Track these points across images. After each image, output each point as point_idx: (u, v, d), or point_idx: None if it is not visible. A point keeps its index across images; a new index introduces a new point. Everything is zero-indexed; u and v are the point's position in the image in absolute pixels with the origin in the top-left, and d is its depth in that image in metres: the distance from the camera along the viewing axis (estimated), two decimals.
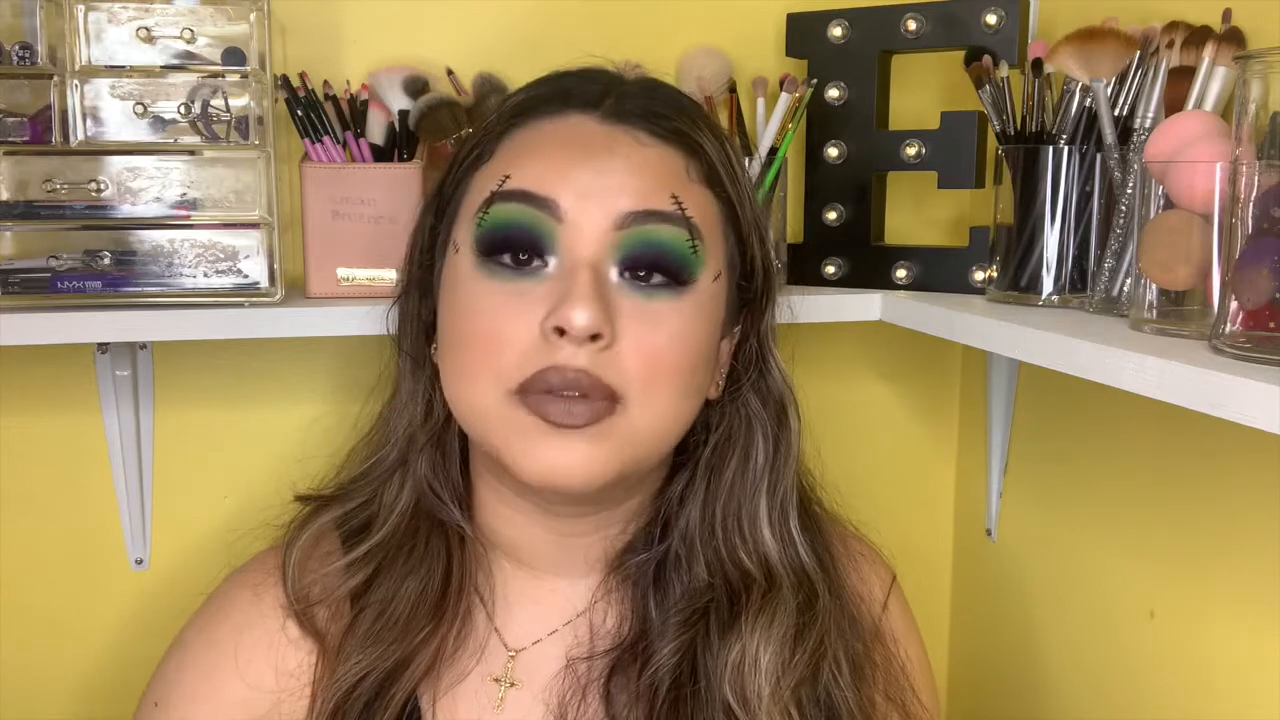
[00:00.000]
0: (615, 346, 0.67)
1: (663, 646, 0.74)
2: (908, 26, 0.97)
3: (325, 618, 0.76)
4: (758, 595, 0.74)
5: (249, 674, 0.75)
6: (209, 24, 0.83)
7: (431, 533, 0.76)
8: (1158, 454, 0.90)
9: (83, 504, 1.00)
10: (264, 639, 0.76)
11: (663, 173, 0.70)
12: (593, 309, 0.65)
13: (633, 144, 0.70)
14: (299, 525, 0.79)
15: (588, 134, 0.71)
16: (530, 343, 0.67)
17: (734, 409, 0.78)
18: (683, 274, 0.69)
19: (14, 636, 1.00)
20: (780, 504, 0.77)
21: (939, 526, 1.21)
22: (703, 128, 0.73)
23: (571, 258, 0.68)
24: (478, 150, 0.74)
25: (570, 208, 0.68)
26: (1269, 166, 0.64)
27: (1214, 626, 0.85)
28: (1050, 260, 0.89)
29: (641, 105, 0.72)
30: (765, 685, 0.72)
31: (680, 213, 0.69)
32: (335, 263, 0.90)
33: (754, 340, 0.78)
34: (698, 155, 0.72)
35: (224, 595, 0.80)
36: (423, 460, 0.77)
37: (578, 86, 0.74)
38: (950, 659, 1.22)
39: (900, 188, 1.07)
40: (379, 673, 0.72)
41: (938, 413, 1.20)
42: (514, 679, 0.76)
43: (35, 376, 0.97)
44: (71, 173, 0.83)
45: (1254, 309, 0.64)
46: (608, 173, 0.68)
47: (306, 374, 1.03)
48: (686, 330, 0.70)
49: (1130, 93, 0.85)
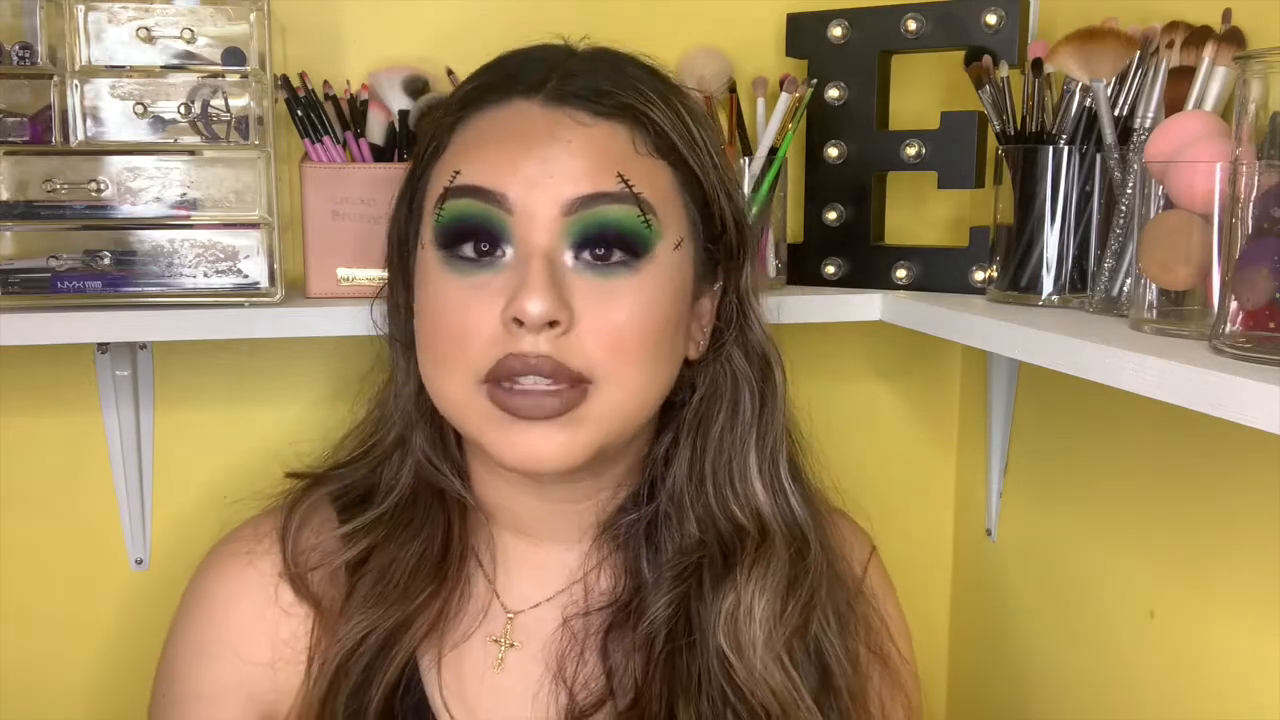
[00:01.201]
0: (575, 329, 0.68)
1: (657, 600, 0.75)
2: (908, 26, 0.97)
3: (321, 585, 0.76)
4: (751, 547, 0.76)
5: (244, 649, 0.76)
6: (209, 24, 0.83)
7: (432, 502, 0.78)
8: (1157, 454, 0.90)
9: (82, 504, 1.00)
10: (256, 610, 0.76)
11: (608, 151, 0.70)
12: (546, 297, 0.66)
13: (574, 126, 0.70)
14: (297, 495, 0.80)
15: (530, 121, 0.70)
16: (493, 333, 0.68)
17: (718, 366, 0.78)
18: (637, 249, 0.70)
19: (14, 636, 1.00)
20: (770, 454, 0.78)
21: (939, 526, 1.21)
22: (651, 95, 0.73)
23: (525, 247, 0.69)
24: (435, 142, 0.74)
25: (519, 197, 0.68)
26: (1269, 166, 0.64)
27: (1214, 626, 0.85)
28: (1050, 260, 0.89)
29: (584, 84, 0.72)
30: (759, 633, 0.74)
31: (628, 190, 0.69)
32: (335, 263, 0.90)
33: (733, 296, 0.78)
34: (645, 126, 0.71)
35: (215, 566, 0.80)
36: (420, 436, 0.78)
37: (521, 70, 0.73)
38: (950, 658, 1.22)
39: (900, 188, 1.07)
40: (381, 632, 0.73)
41: (938, 413, 1.20)
42: (514, 640, 0.78)
43: (35, 376, 0.97)
44: (71, 173, 0.83)
45: (1254, 309, 0.64)
46: (551, 160, 0.69)
47: (306, 374, 1.03)
48: (647, 303, 0.70)
49: (1130, 93, 0.85)
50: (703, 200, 0.74)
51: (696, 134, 0.74)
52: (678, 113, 0.74)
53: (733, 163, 0.83)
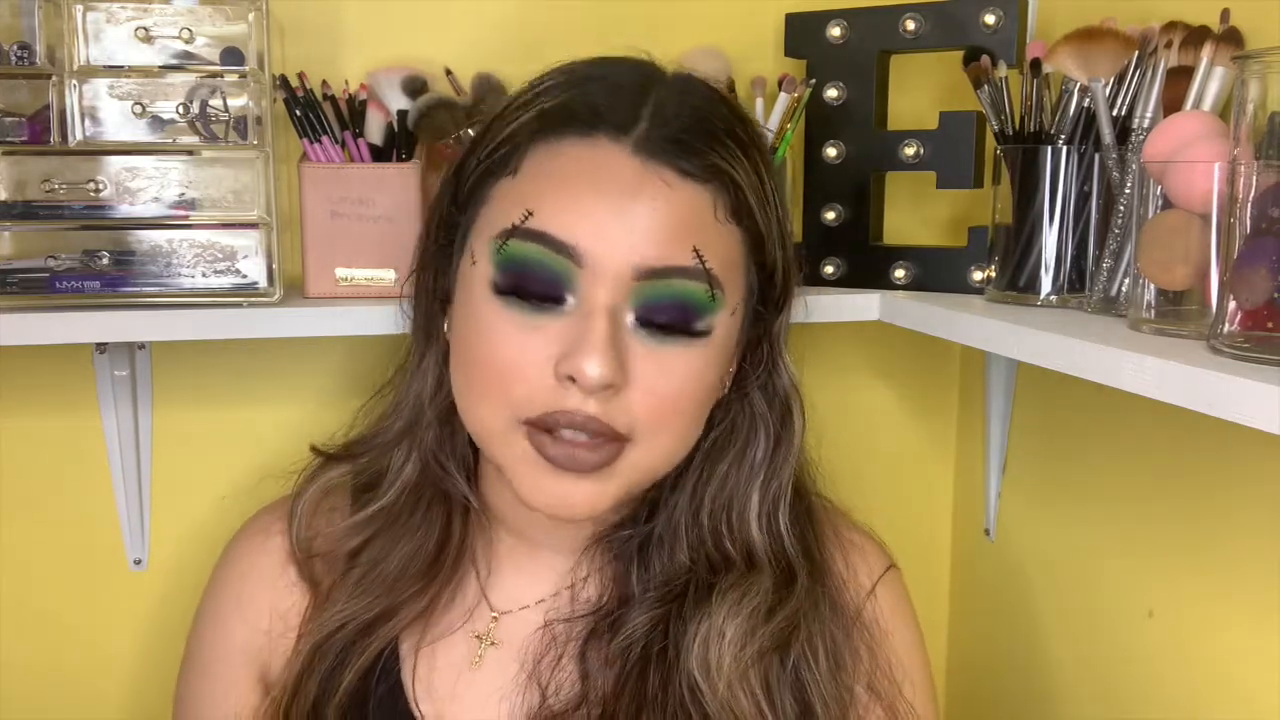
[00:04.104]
0: (626, 392, 0.68)
1: (638, 616, 0.75)
2: (906, 26, 0.97)
3: (322, 569, 0.80)
4: (735, 575, 0.75)
5: (249, 614, 0.81)
6: (207, 24, 0.83)
7: (433, 502, 0.79)
8: (1156, 453, 0.90)
9: (81, 504, 1.00)
10: (265, 580, 0.81)
11: (688, 220, 0.68)
12: (606, 361, 0.65)
13: (660, 186, 0.68)
14: (309, 477, 0.83)
15: (615, 171, 0.68)
16: (541, 380, 0.67)
17: (739, 406, 0.78)
18: (699, 324, 0.69)
19: (13, 636, 1.00)
20: (772, 499, 0.78)
21: (937, 526, 1.21)
22: (738, 153, 0.71)
23: (589, 301, 0.67)
24: (503, 151, 0.71)
25: (590, 251, 0.67)
26: (1267, 166, 0.64)
27: (1213, 626, 0.85)
28: (1049, 260, 0.89)
29: (674, 133, 0.69)
30: (726, 654, 0.73)
31: (701, 266, 0.68)
32: (334, 263, 0.90)
33: (766, 344, 0.78)
34: (728, 191, 0.70)
35: (239, 542, 0.84)
36: (430, 434, 0.79)
37: (609, 101, 0.70)
38: (949, 658, 1.22)
39: (899, 188, 1.07)
40: (359, 622, 0.76)
41: (936, 412, 1.20)
42: (495, 639, 0.78)
43: (34, 377, 0.97)
44: (70, 173, 0.82)
45: (1252, 309, 0.64)
46: (631, 217, 0.67)
47: (305, 374, 1.03)
48: (699, 372, 0.70)
49: (1128, 93, 0.85)
50: (763, 261, 0.74)
51: (770, 192, 0.73)
52: (757, 168, 0.72)
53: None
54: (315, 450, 0.85)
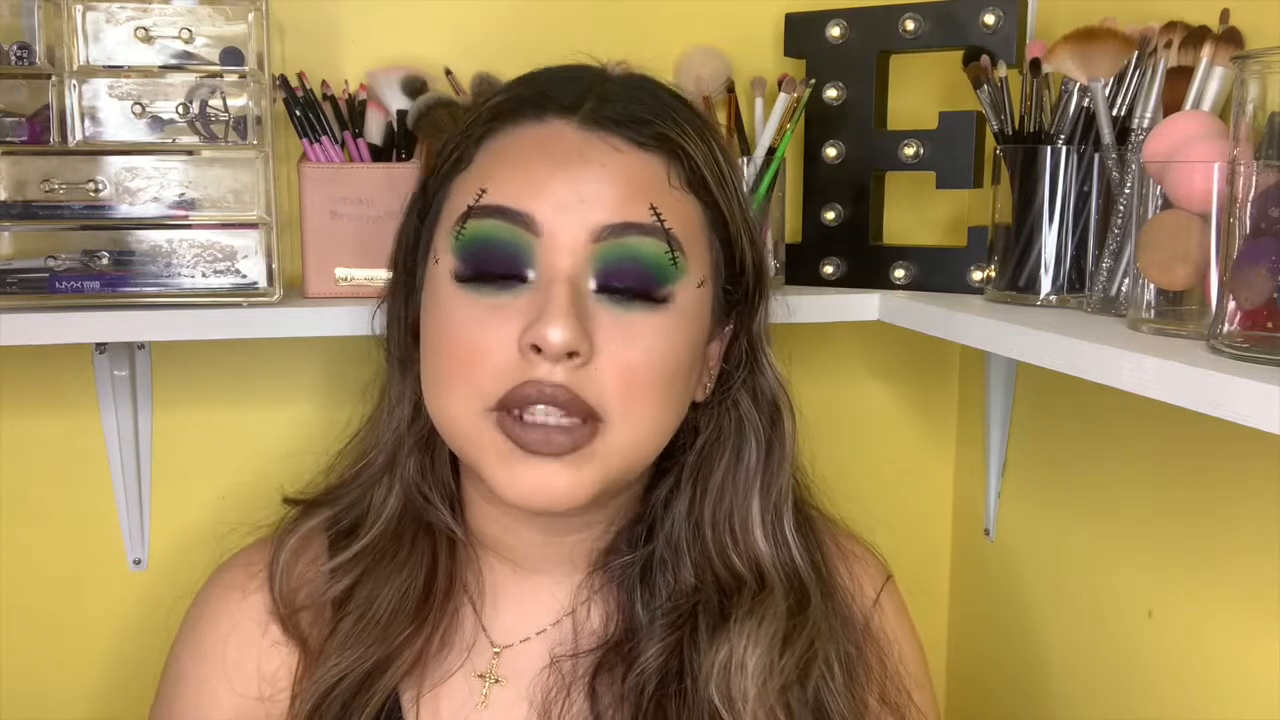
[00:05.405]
0: (593, 362, 0.67)
1: (649, 646, 0.73)
2: (906, 26, 0.97)
3: (309, 623, 0.76)
4: (748, 597, 0.74)
5: (237, 683, 0.76)
6: (207, 24, 0.83)
7: (417, 536, 0.76)
8: (1156, 454, 0.90)
9: (81, 504, 1.00)
10: (249, 642, 0.77)
11: (641, 181, 0.69)
12: (569, 326, 0.65)
13: (610, 151, 0.69)
14: (288, 528, 0.79)
15: (564, 142, 0.69)
16: (507, 358, 0.67)
17: (724, 410, 0.77)
18: (661, 287, 0.69)
19: (13, 636, 1.00)
20: (774, 505, 0.77)
21: (937, 526, 1.21)
22: (688, 129, 0.71)
23: (549, 272, 0.67)
24: (457, 154, 0.72)
25: (547, 221, 0.67)
26: (1267, 166, 0.64)
27: (1212, 626, 0.85)
28: (1048, 260, 0.89)
29: (622, 109, 0.70)
30: (751, 687, 0.71)
31: (659, 224, 0.68)
32: (333, 263, 0.90)
33: (744, 340, 0.77)
34: (680, 160, 0.70)
35: (209, 599, 0.80)
36: (411, 463, 0.77)
37: (556, 88, 0.72)
38: (949, 659, 1.22)
39: (898, 188, 1.07)
40: (357, 674, 0.72)
41: (936, 413, 1.20)
42: (499, 676, 0.76)
43: (33, 377, 0.97)
44: (69, 173, 0.82)
45: (1252, 309, 0.64)
46: (584, 183, 0.67)
47: (305, 374, 1.03)
48: (665, 343, 0.69)
49: (1128, 93, 0.85)
50: (727, 240, 0.73)
51: (727, 173, 0.73)
52: (711, 149, 0.72)
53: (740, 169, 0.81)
54: (290, 501, 0.82)
